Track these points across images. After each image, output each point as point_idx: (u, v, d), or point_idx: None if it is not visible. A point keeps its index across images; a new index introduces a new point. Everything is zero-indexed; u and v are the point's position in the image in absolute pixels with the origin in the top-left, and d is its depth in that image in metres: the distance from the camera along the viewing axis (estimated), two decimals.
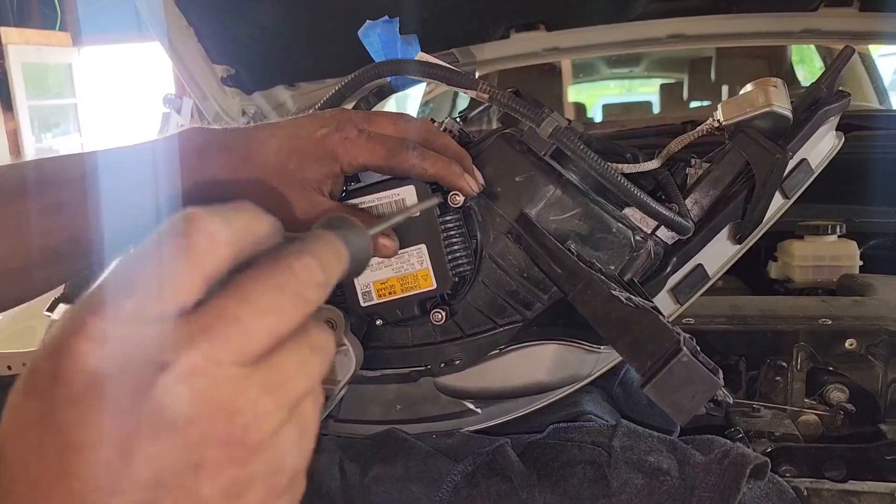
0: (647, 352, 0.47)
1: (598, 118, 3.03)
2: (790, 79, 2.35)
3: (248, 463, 0.26)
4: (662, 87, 3.09)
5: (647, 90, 3.85)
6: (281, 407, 0.27)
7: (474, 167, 0.57)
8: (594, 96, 3.74)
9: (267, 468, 0.27)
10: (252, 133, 0.56)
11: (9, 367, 0.93)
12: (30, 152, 5.18)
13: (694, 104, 2.72)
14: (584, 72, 3.10)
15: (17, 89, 5.16)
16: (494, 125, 0.74)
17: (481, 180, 0.57)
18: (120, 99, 6.01)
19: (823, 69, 2.29)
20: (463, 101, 2.42)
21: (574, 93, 3.01)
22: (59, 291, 0.86)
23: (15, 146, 5.14)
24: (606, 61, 3.02)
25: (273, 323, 0.27)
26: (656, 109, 3.02)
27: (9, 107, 5.13)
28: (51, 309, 0.85)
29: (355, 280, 0.57)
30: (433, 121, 0.66)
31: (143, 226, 0.57)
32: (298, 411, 0.28)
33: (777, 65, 2.31)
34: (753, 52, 2.31)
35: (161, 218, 0.55)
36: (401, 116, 0.57)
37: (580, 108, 2.87)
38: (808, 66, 2.75)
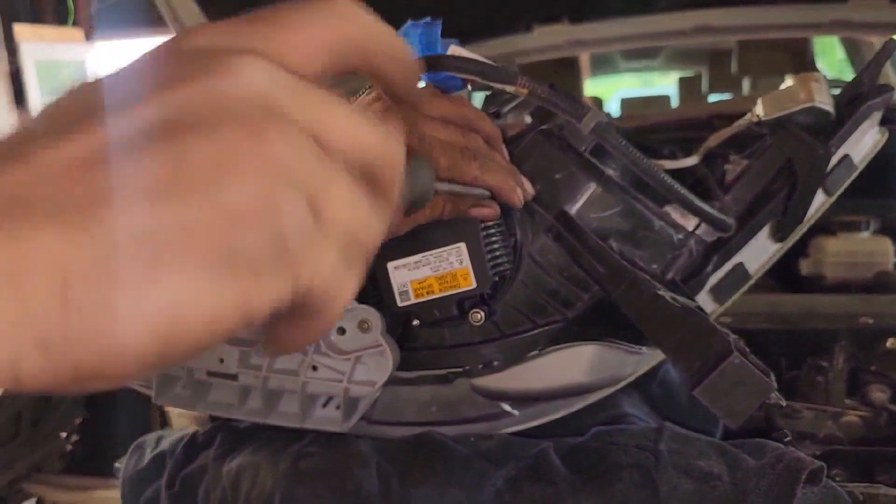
0: (696, 353, 0.45)
1: (614, 112, 3.00)
2: (812, 70, 2.32)
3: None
4: (681, 80, 3.05)
5: (664, 81, 3.81)
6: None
7: None
8: (610, 89, 3.72)
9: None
10: None
11: None
12: None
13: (713, 97, 2.69)
14: (602, 64, 3.07)
15: (31, 87, 5.16)
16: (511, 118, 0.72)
17: (531, 189, 0.56)
18: None
19: (846, 61, 2.27)
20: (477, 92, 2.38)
21: (590, 85, 2.98)
22: None
23: None
24: (624, 54, 2.99)
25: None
26: (675, 102, 2.99)
27: (22, 104, 5.13)
28: None
29: (392, 280, 0.56)
30: None
31: None
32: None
33: (799, 56, 2.27)
34: (775, 43, 2.27)
35: None
36: (461, 116, 0.56)
37: (597, 103, 2.83)
38: (828, 58, 2.71)
